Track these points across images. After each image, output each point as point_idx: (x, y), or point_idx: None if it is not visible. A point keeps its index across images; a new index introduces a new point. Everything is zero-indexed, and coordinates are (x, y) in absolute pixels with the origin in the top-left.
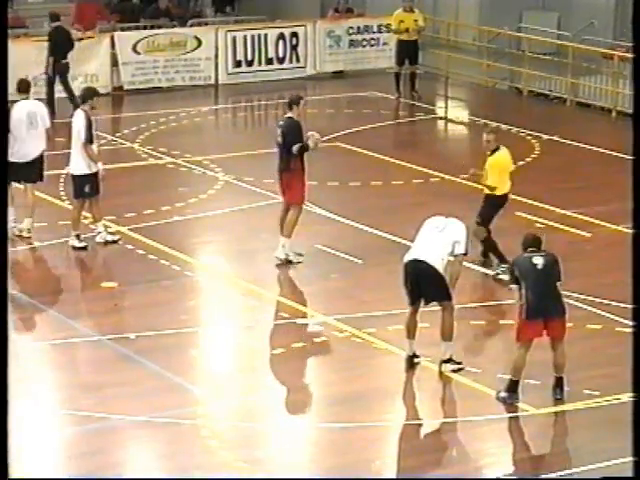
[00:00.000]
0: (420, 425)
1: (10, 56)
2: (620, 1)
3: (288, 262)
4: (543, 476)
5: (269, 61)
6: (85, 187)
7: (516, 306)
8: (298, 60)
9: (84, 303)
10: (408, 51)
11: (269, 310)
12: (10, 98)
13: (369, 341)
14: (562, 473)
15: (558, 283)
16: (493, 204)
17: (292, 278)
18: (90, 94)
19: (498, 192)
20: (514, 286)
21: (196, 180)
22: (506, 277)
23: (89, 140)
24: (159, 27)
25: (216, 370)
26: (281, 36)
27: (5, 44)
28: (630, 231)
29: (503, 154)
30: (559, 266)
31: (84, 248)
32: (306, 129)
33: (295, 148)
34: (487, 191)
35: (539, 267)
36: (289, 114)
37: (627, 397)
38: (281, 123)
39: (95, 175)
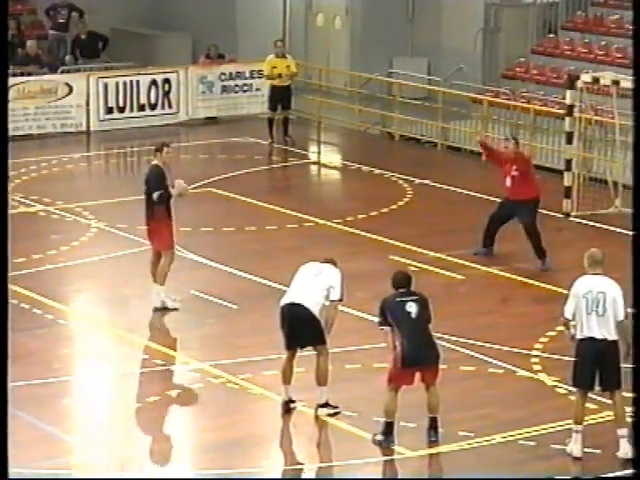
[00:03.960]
0: (298, 470)
1: None
2: (487, 46)
3: (165, 309)
4: None
5: (141, 107)
6: None
7: (390, 348)
8: (171, 106)
9: None
10: (281, 96)
11: (143, 357)
12: None
13: (245, 387)
14: None
15: (429, 325)
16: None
17: (166, 324)
18: None
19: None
20: (387, 328)
21: (68, 227)
22: None
23: None
24: (29, 74)
25: (90, 419)
26: (153, 82)
27: (5, 46)
28: (502, 273)
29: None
30: (429, 308)
31: None
32: (180, 175)
33: (155, 195)
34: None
35: (413, 316)
36: (155, 161)
37: (500, 437)
38: (147, 171)
39: None
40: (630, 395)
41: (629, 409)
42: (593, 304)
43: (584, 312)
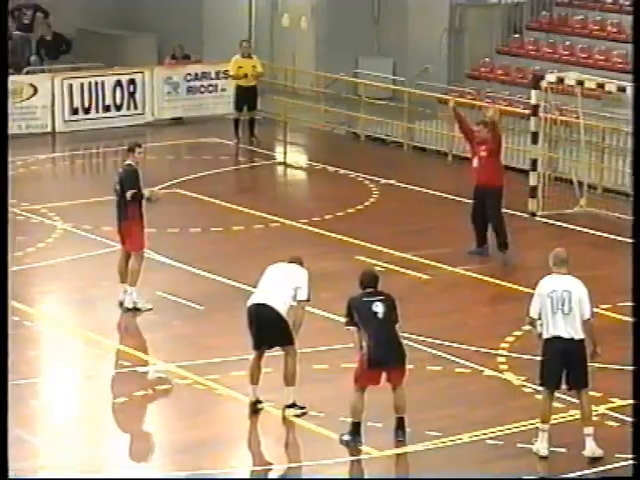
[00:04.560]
0: (266, 470)
1: None
2: (453, 46)
3: (136, 309)
4: None
5: (106, 108)
6: None
7: (356, 348)
8: (136, 107)
9: None
10: (247, 97)
11: (110, 358)
12: None
13: (212, 387)
14: None
15: (397, 325)
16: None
17: (133, 325)
18: None
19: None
20: (353, 328)
21: (34, 229)
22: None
23: None
24: None
25: (58, 421)
26: (118, 83)
27: (5, 44)
28: (468, 273)
29: None
30: (397, 309)
31: None
32: (146, 176)
33: (129, 194)
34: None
35: (380, 316)
36: (128, 161)
37: (467, 437)
38: (120, 170)
39: None
40: (596, 394)
41: (596, 408)
42: (558, 303)
43: (550, 311)
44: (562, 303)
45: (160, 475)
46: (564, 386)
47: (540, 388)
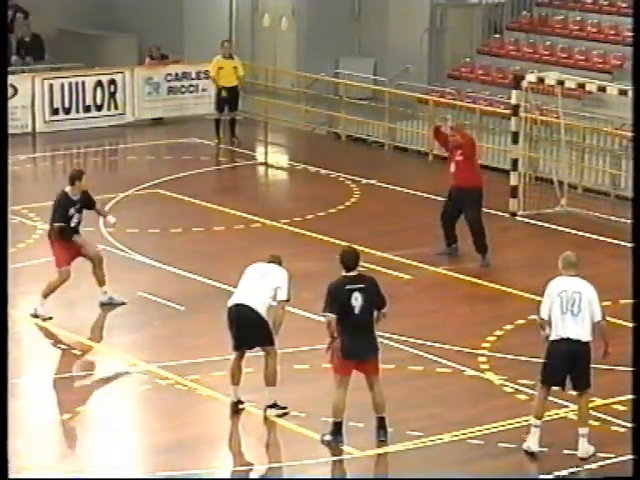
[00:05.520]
0: (247, 471)
1: None
2: (433, 47)
3: (111, 304)
4: None
5: (87, 108)
6: None
7: (329, 336)
8: (117, 107)
9: None
10: (228, 97)
11: (91, 359)
12: None
13: (193, 388)
14: None
15: (385, 309)
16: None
17: (114, 326)
18: None
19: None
20: (331, 316)
21: (14, 229)
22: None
23: None
24: None
25: (39, 421)
26: (99, 83)
27: (5, 44)
28: (449, 273)
29: None
30: (380, 293)
31: None
32: (126, 176)
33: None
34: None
35: (356, 311)
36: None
37: (449, 437)
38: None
39: None
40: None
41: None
42: (568, 304)
43: (559, 312)
44: (572, 304)
45: (143, 476)
46: (568, 386)
47: (524, 388)
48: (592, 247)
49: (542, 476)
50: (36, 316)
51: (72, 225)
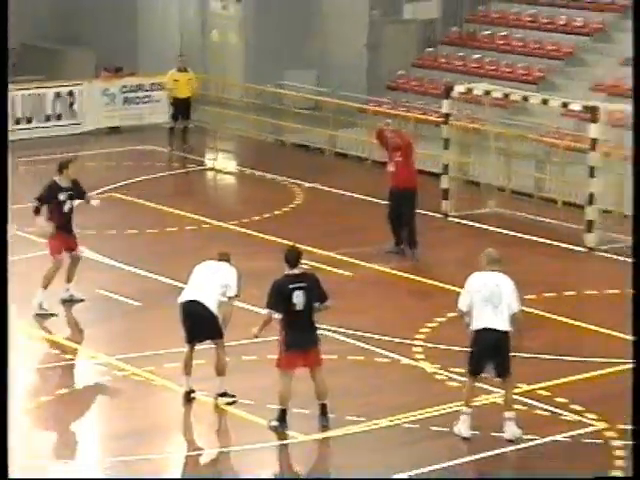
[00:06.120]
0: (199, 456)
1: None
2: (371, 60)
3: (72, 300)
4: None
5: (47, 118)
6: None
7: (260, 327)
8: (75, 117)
9: None
10: (181, 107)
11: (52, 352)
12: None
13: (149, 379)
14: None
15: (327, 302)
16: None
17: (75, 321)
18: None
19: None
20: (272, 312)
21: None
22: None
23: None
24: None
25: None
26: (58, 94)
27: (5, 44)
28: (387, 270)
29: None
30: (320, 288)
31: None
32: (84, 182)
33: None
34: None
35: (297, 308)
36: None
37: (387, 421)
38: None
39: None
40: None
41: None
42: (489, 296)
43: (480, 304)
44: (492, 297)
45: (101, 460)
46: (487, 375)
47: (465, 374)
48: (518, 245)
49: (472, 457)
50: (72, 300)
51: (65, 211)
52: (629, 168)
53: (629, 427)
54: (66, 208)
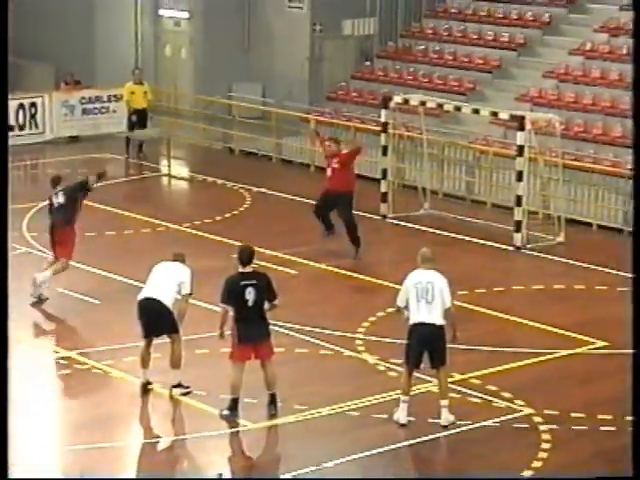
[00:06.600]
0: (155, 443)
1: None
2: (313, 72)
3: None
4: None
5: (11, 128)
6: None
7: (219, 324)
8: (37, 127)
9: None
10: (138, 118)
11: (15, 347)
12: None
13: (108, 372)
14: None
15: (276, 301)
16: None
17: (37, 318)
18: None
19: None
20: (226, 307)
21: None
22: None
23: None
24: None
25: None
26: (21, 106)
27: (5, 45)
28: (330, 268)
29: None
30: (271, 287)
31: None
32: (44, 188)
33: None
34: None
35: (249, 304)
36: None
37: (329, 410)
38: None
39: None
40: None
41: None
42: (423, 293)
43: (415, 300)
44: (426, 293)
45: (62, 449)
46: (424, 365)
47: (403, 365)
48: (451, 244)
49: (409, 441)
50: (39, 299)
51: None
52: (554, 172)
53: (554, 412)
54: (56, 203)
